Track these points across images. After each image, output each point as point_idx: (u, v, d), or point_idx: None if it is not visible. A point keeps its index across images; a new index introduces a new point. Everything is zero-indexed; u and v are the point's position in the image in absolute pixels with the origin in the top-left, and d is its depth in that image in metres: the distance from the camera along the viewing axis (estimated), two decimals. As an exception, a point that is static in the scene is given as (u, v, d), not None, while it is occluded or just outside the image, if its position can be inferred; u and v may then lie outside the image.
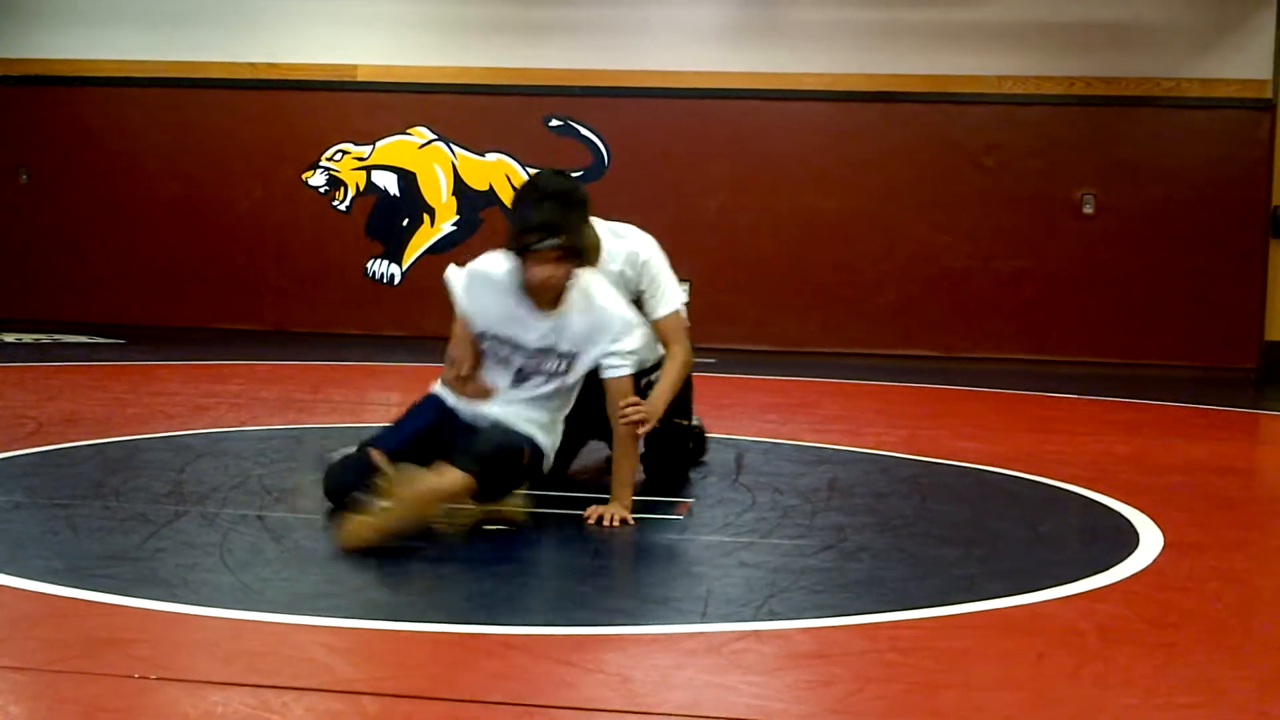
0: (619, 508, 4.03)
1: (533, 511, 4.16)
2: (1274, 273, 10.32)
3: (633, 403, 4.08)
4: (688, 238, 10.65)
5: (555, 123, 10.75)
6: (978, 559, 3.74)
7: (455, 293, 4.14)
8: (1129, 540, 3.99)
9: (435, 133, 10.92)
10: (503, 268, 4.02)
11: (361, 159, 10.98)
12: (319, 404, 6.61)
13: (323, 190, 11.03)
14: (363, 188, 10.98)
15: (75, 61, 11.18)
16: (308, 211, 11.02)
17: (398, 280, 10.88)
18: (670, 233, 10.71)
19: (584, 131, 10.75)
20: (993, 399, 8.05)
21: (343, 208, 10.99)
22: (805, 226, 10.56)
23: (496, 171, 10.88)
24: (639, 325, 4.23)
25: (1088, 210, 10.31)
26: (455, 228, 10.84)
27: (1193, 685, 2.70)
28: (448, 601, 3.30)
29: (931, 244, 10.44)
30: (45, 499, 4.17)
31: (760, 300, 10.63)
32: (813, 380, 8.68)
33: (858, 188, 10.50)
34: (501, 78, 10.76)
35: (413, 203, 10.88)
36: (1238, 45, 10.10)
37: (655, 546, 3.76)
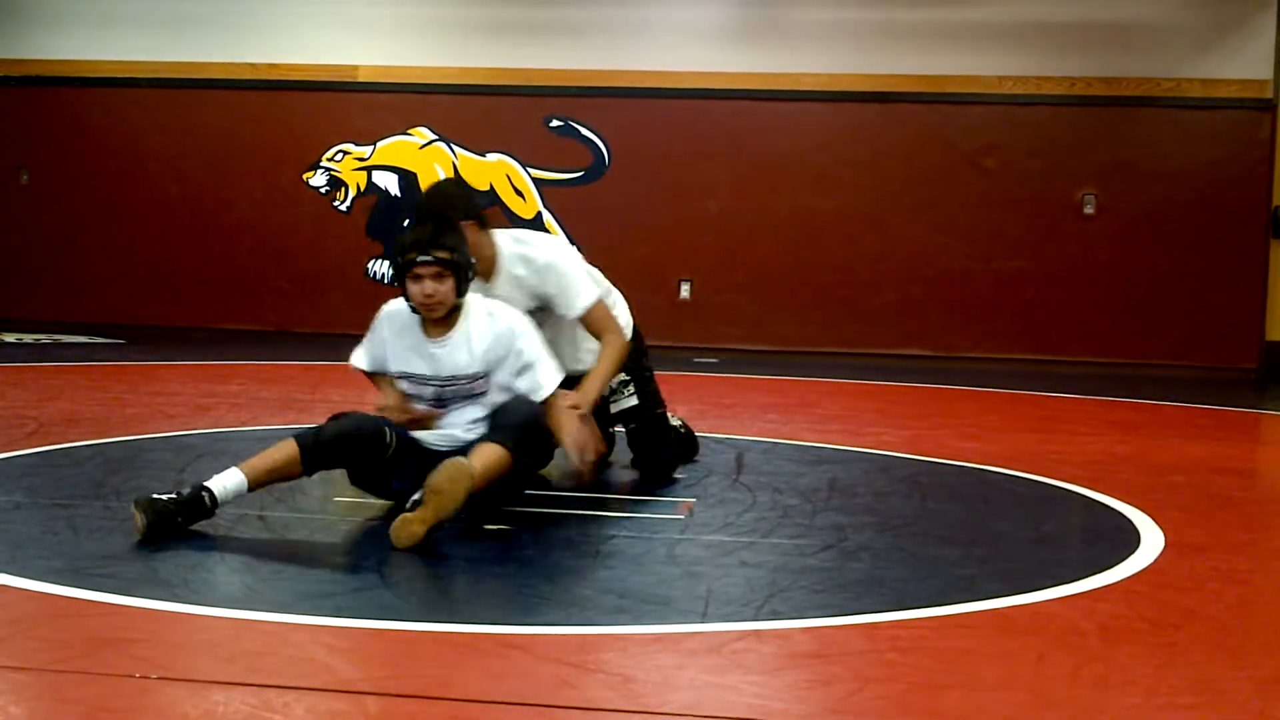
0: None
1: (532, 512, 4.16)
2: (1274, 273, 10.31)
3: (572, 404, 4.17)
4: (687, 238, 10.68)
5: (556, 123, 10.76)
6: (978, 559, 3.74)
7: (356, 360, 4.26)
8: (1130, 540, 3.99)
9: (436, 133, 10.92)
10: (407, 305, 4.11)
11: (362, 159, 10.99)
12: (319, 404, 6.61)
13: (324, 190, 11.03)
14: (364, 188, 10.98)
15: (76, 62, 11.18)
16: (309, 212, 11.03)
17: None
18: (670, 233, 10.87)
19: (584, 132, 10.75)
20: (993, 399, 8.05)
21: (344, 208, 10.99)
22: (805, 227, 10.56)
23: (497, 172, 10.88)
24: (533, 328, 4.23)
25: (1088, 210, 10.31)
26: (456, 228, 10.83)
27: (1193, 685, 2.70)
28: (449, 601, 3.30)
29: (931, 244, 10.45)
30: (46, 499, 4.17)
31: (760, 300, 10.63)
32: (813, 380, 8.68)
33: (857, 188, 10.50)
34: (502, 78, 10.76)
35: (414, 203, 10.87)
36: (1238, 45, 10.11)
37: (656, 546, 3.77)
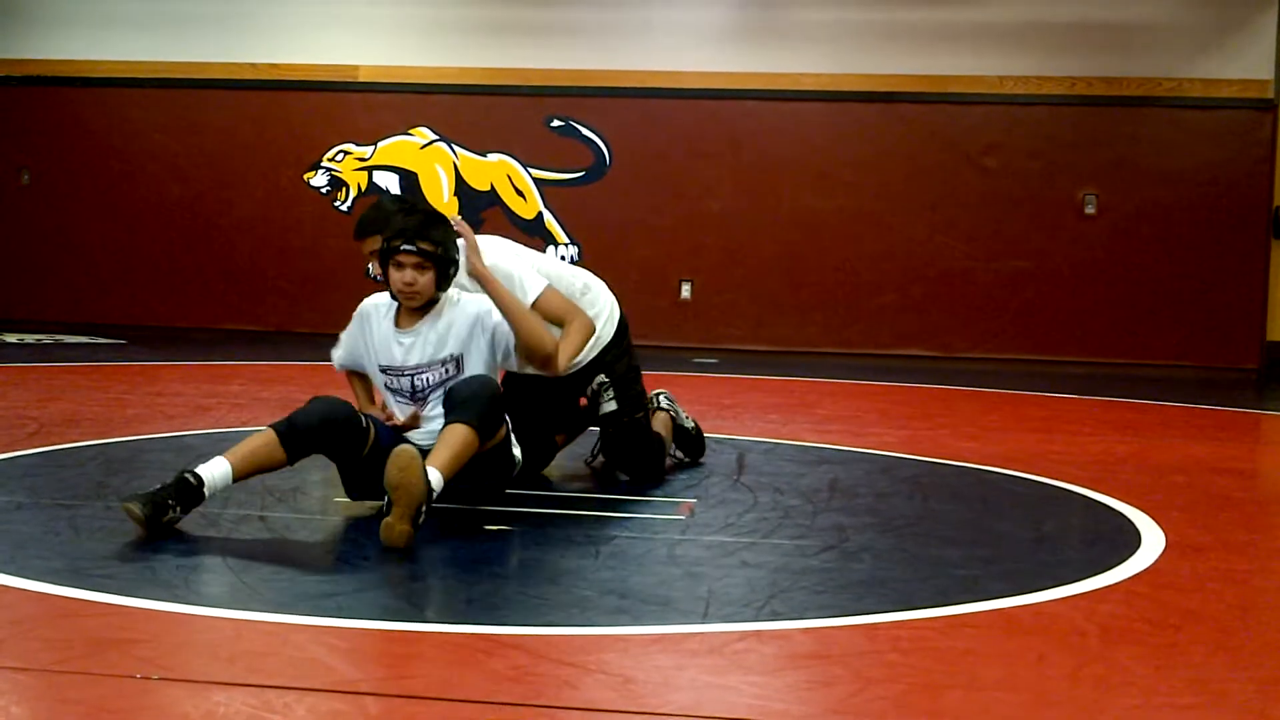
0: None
1: (533, 512, 4.17)
2: (1275, 273, 10.32)
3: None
4: (688, 238, 10.68)
5: (557, 123, 10.76)
6: (979, 559, 3.74)
7: (334, 359, 4.44)
8: (1130, 541, 3.99)
9: (437, 133, 10.92)
10: (385, 299, 4.26)
11: (363, 159, 10.99)
12: (320, 404, 6.61)
13: (324, 191, 11.03)
14: (364, 188, 10.98)
15: (77, 62, 11.19)
16: (309, 212, 11.03)
17: (399, 281, 10.87)
18: (671, 233, 10.86)
19: (585, 132, 10.75)
20: (994, 399, 8.05)
21: (344, 208, 10.99)
22: (805, 227, 10.57)
23: (498, 172, 10.88)
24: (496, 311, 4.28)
25: (1089, 211, 10.31)
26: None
27: (1194, 686, 2.70)
28: (450, 602, 3.30)
29: (932, 244, 10.45)
30: (47, 499, 4.17)
31: (761, 300, 10.63)
32: (813, 380, 8.68)
33: (858, 188, 10.50)
34: (503, 78, 10.76)
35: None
36: (1239, 45, 10.11)
37: (657, 547, 3.77)
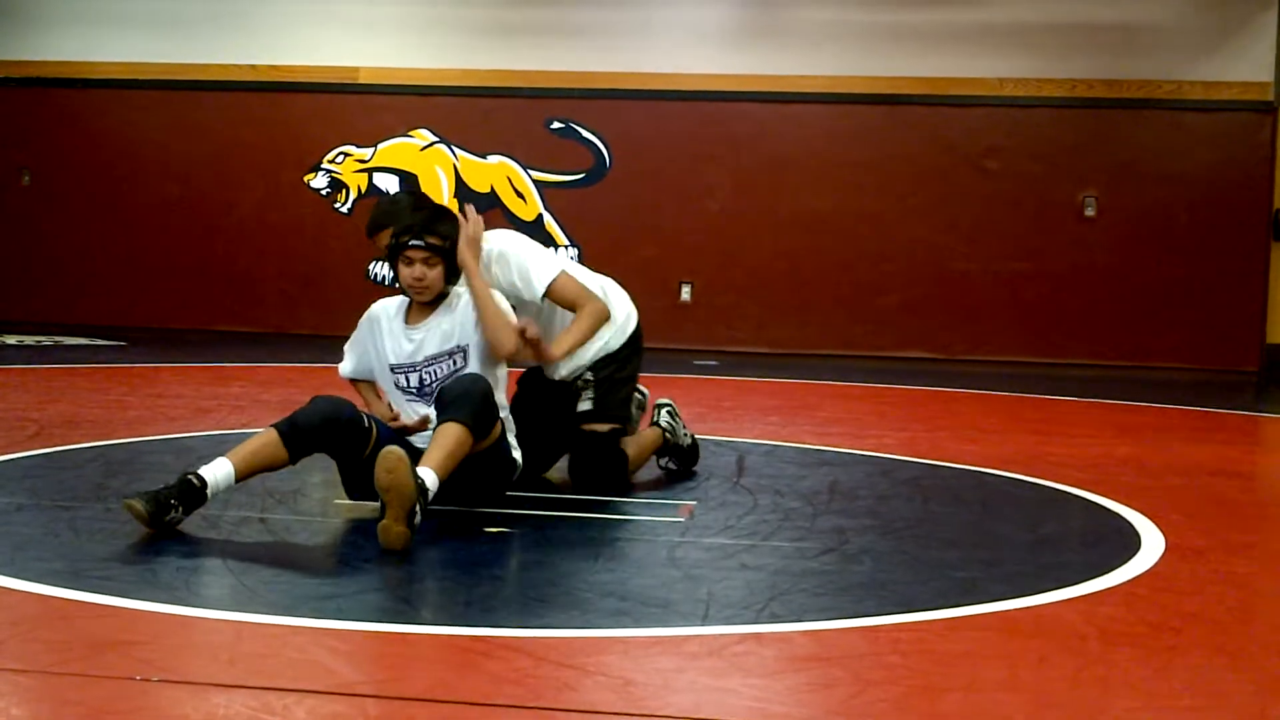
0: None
1: (533, 514, 4.17)
2: (1276, 275, 10.32)
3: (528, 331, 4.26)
4: (689, 240, 10.69)
5: (557, 125, 10.76)
6: (979, 561, 3.74)
7: (342, 369, 4.42)
8: (1131, 543, 3.99)
9: (437, 135, 10.93)
10: (396, 299, 4.30)
11: (363, 161, 10.99)
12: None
13: (324, 192, 11.04)
14: (364, 190, 10.98)
15: (77, 64, 11.20)
16: (309, 214, 11.03)
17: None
18: (671, 235, 10.86)
19: (585, 134, 10.75)
20: (994, 401, 8.05)
21: (344, 210, 11.00)
22: (806, 229, 10.57)
23: (498, 174, 10.88)
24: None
25: (1089, 213, 10.31)
26: (457, 230, 10.84)
27: (1194, 688, 2.70)
28: (450, 604, 3.30)
29: (933, 247, 10.45)
30: (47, 501, 4.17)
31: (761, 303, 10.63)
32: (814, 383, 8.68)
33: (859, 190, 10.50)
34: (503, 80, 10.76)
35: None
36: (1240, 48, 10.11)
37: (656, 549, 3.77)
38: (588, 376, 4.66)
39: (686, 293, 10.70)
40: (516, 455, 4.20)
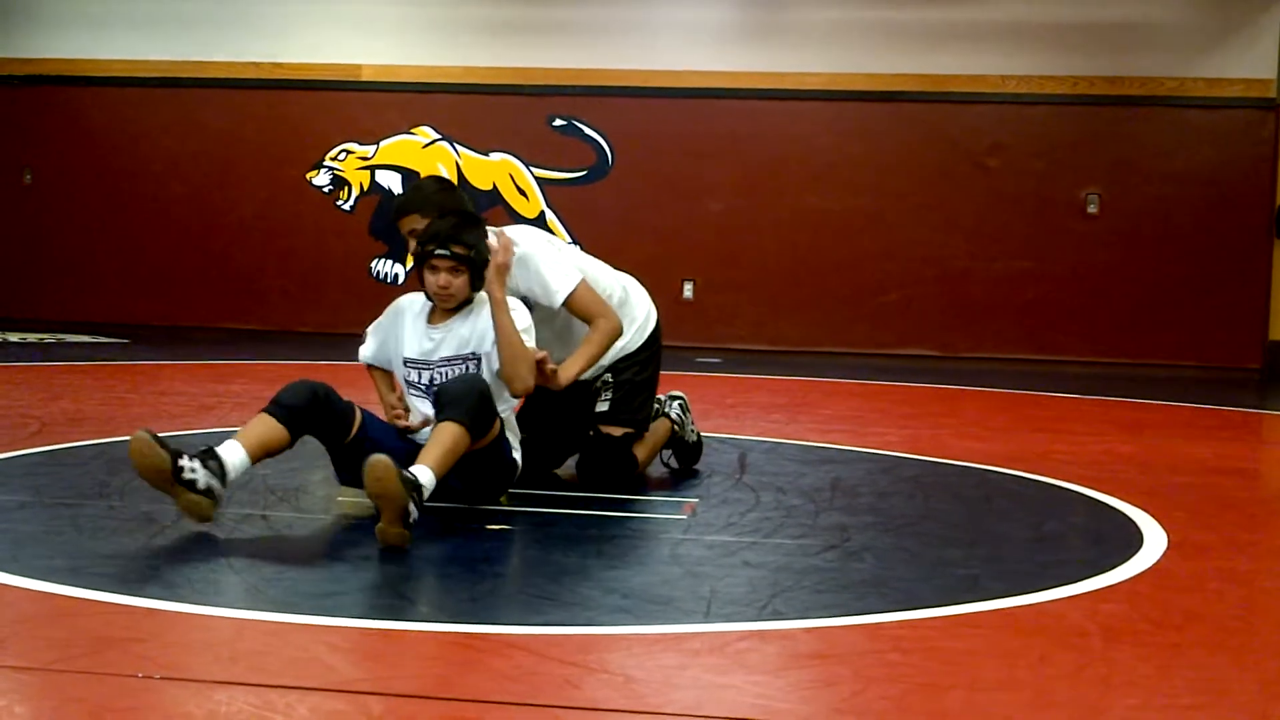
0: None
1: (534, 512, 4.17)
2: (1278, 272, 10.31)
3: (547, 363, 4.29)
4: (690, 237, 10.68)
5: (559, 122, 10.76)
6: (981, 559, 3.74)
7: (363, 352, 4.45)
8: (1133, 540, 3.99)
9: (439, 132, 10.93)
10: (422, 297, 4.30)
11: (365, 158, 10.99)
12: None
13: (327, 190, 11.04)
14: (367, 187, 10.99)
15: (79, 61, 11.20)
16: (312, 211, 11.04)
17: (401, 280, 10.89)
18: (673, 232, 10.86)
19: (588, 131, 10.75)
20: (996, 399, 8.05)
21: (347, 207, 11.00)
22: (808, 226, 10.57)
23: (500, 171, 10.88)
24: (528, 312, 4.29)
25: (1091, 210, 10.31)
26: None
27: (1196, 686, 2.70)
28: (452, 601, 3.30)
29: (934, 244, 10.45)
30: (49, 498, 4.18)
31: (763, 300, 10.63)
32: (815, 380, 8.68)
33: (860, 188, 10.50)
34: (505, 78, 10.76)
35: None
36: (1242, 45, 10.10)
37: (659, 546, 3.77)
38: (607, 378, 4.69)
39: (688, 290, 10.70)
40: (516, 456, 4.20)
